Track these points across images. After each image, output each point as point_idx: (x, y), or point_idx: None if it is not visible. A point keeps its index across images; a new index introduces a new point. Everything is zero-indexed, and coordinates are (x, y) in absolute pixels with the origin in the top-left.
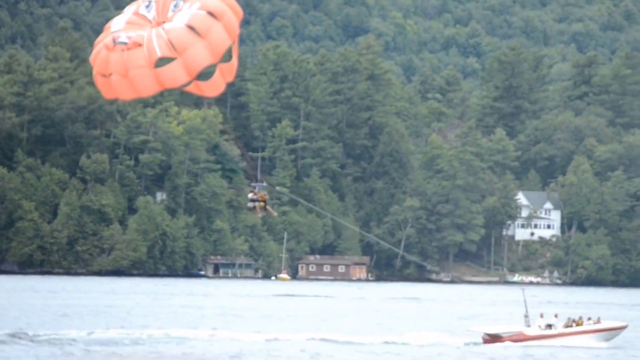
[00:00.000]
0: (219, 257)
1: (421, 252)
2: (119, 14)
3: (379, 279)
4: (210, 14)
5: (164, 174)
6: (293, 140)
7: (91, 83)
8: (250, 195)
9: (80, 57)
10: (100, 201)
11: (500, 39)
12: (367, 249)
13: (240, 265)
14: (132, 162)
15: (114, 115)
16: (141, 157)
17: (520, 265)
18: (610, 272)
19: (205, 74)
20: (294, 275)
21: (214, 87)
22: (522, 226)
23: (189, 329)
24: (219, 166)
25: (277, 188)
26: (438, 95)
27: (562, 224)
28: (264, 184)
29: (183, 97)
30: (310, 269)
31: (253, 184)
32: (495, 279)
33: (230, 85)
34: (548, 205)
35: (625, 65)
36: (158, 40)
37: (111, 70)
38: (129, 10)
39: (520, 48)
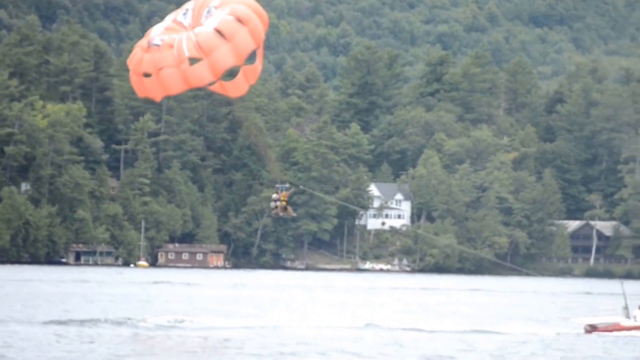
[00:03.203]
0: (80, 245)
1: (277, 241)
2: None
3: (235, 266)
4: (238, 19)
5: (28, 165)
6: (155, 134)
7: None
8: (274, 196)
9: None
10: None
11: (369, 39)
12: (224, 237)
13: (101, 253)
14: None
15: None
16: (6, 149)
17: (372, 253)
18: (456, 259)
19: (229, 75)
20: (154, 263)
21: (237, 88)
22: (374, 216)
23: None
24: (82, 158)
25: (300, 187)
26: (298, 92)
27: (412, 214)
28: (287, 184)
29: (48, 92)
30: (169, 257)
31: (277, 185)
32: (348, 266)
33: (95, 80)
34: (399, 196)
35: (474, 64)
36: (187, 42)
37: (144, 69)
38: (169, 18)
39: (375, 47)
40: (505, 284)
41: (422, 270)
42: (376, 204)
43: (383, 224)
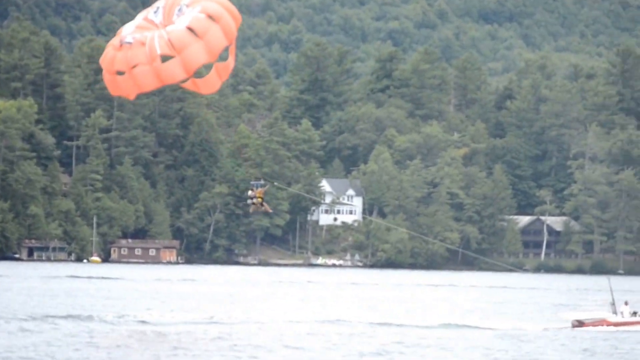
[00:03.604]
0: (33, 240)
1: (229, 236)
2: None
3: (188, 262)
4: (209, 16)
5: None
6: (106, 130)
7: None
8: (249, 193)
9: None
10: None
11: (320, 35)
12: (177, 233)
13: (54, 249)
14: None
15: None
16: None
17: (324, 248)
18: (408, 255)
19: (201, 72)
20: (107, 259)
21: (210, 85)
22: (326, 212)
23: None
24: (34, 154)
25: (275, 183)
26: (249, 88)
27: (364, 210)
28: (261, 181)
29: None
30: (122, 253)
31: (252, 182)
32: (300, 261)
33: (46, 77)
34: (350, 192)
35: (423, 60)
36: (159, 40)
37: (116, 67)
38: (139, 17)
39: (325, 44)
40: (459, 278)
41: (374, 265)
42: (328, 199)
43: (335, 219)
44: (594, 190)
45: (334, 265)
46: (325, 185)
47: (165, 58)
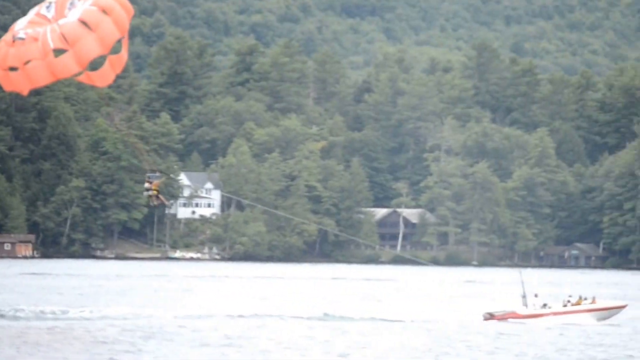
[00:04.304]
0: None
1: (86, 231)
2: None
3: (44, 256)
4: (101, 9)
5: None
6: None
7: None
8: (146, 185)
9: None
10: None
11: (184, 29)
12: (33, 227)
13: None
14: None
15: None
16: None
17: (182, 242)
18: (266, 247)
19: (95, 65)
20: None
21: (104, 78)
22: (184, 205)
23: None
24: None
25: (171, 175)
26: None
27: (222, 203)
28: (158, 174)
29: None
30: None
31: (148, 175)
32: (158, 255)
33: None
34: (209, 185)
35: (283, 53)
36: (52, 34)
37: (9, 63)
38: (32, 12)
39: (185, 37)
40: (320, 271)
41: (232, 258)
42: (186, 193)
43: (193, 212)
44: (449, 182)
45: (191, 259)
46: (183, 178)
47: (58, 52)
